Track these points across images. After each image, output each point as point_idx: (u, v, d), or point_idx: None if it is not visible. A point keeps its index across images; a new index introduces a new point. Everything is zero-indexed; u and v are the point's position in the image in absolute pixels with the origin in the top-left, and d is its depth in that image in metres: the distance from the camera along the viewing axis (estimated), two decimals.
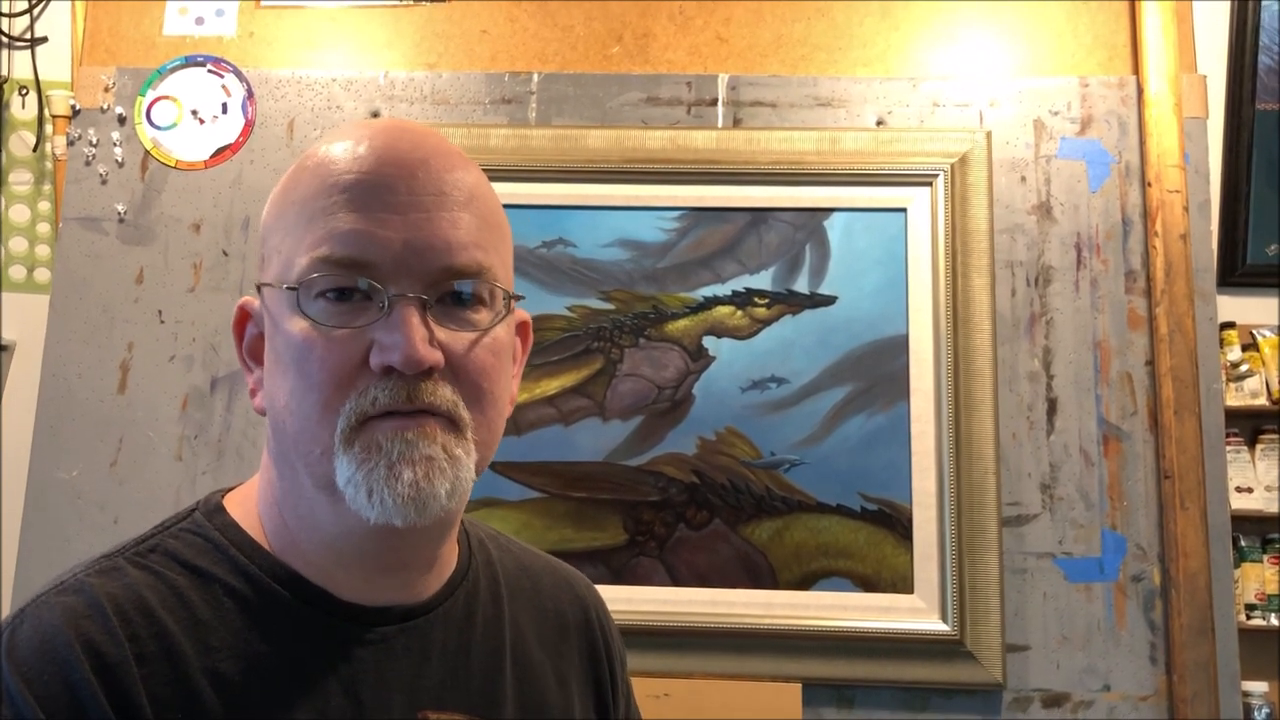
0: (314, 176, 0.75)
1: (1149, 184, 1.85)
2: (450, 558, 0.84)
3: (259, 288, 0.77)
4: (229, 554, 0.76)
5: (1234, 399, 2.43)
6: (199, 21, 2.01)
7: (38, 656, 0.67)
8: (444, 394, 0.72)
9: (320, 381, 0.71)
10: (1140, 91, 1.89)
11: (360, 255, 0.71)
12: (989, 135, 1.88)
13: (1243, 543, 2.39)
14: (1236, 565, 2.34)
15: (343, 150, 0.75)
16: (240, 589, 0.75)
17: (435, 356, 0.71)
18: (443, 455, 0.71)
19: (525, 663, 0.86)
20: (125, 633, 0.69)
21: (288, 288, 0.73)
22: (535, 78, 1.97)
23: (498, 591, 0.88)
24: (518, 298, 0.78)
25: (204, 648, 0.71)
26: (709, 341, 1.85)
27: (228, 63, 1.99)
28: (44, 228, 2.44)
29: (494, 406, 0.76)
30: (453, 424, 0.73)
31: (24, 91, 2.43)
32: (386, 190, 0.72)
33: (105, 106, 1.97)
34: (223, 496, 0.82)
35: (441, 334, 0.72)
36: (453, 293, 0.73)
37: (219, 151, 1.96)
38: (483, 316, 0.74)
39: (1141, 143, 1.88)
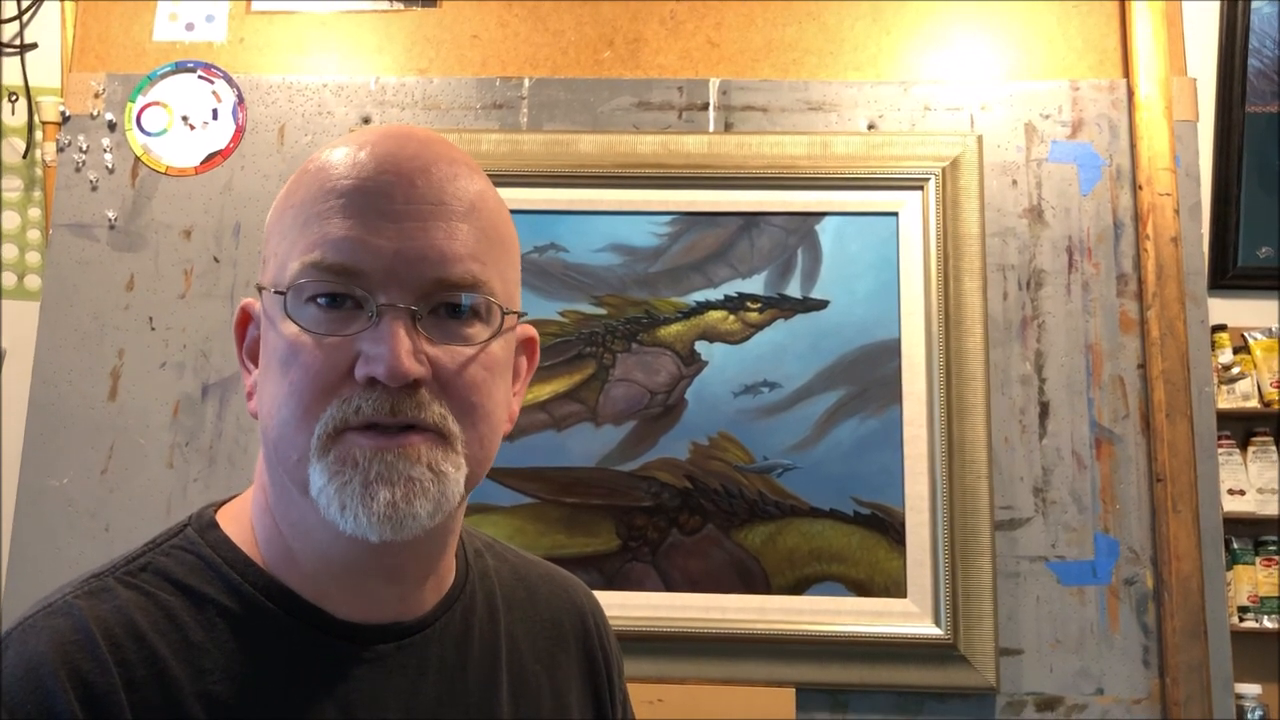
0: (313, 181, 0.74)
1: (1140, 187, 1.86)
2: (448, 570, 0.83)
3: (259, 290, 0.76)
4: (222, 572, 0.75)
5: (1226, 402, 2.44)
6: (189, 27, 2.01)
7: (21, 686, 0.66)
8: (431, 409, 0.70)
9: (302, 387, 0.70)
10: (1131, 95, 1.90)
11: (351, 262, 0.70)
12: (980, 139, 1.88)
13: (1235, 545, 2.40)
14: (1229, 568, 2.34)
15: (344, 155, 0.73)
16: (234, 609, 0.74)
17: (420, 369, 0.69)
18: (428, 475, 0.70)
19: (521, 677, 0.86)
20: (114, 658, 0.68)
21: (277, 292, 0.72)
22: (526, 83, 1.97)
23: (494, 604, 0.87)
24: (517, 314, 0.77)
25: (196, 671, 0.70)
26: (701, 346, 1.85)
27: (218, 68, 1.98)
28: (34, 234, 2.43)
29: (486, 422, 0.74)
30: (442, 437, 0.71)
31: (14, 98, 2.42)
32: (383, 197, 0.71)
33: (95, 113, 1.97)
34: (215, 510, 0.80)
35: (431, 348, 0.71)
36: (446, 304, 0.72)
37: (210, 157, 1.95)
38: (477, 330, 0.73)
39: (1132, 146, 1.88)
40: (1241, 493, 2.42)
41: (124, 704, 0.67)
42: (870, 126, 1.92)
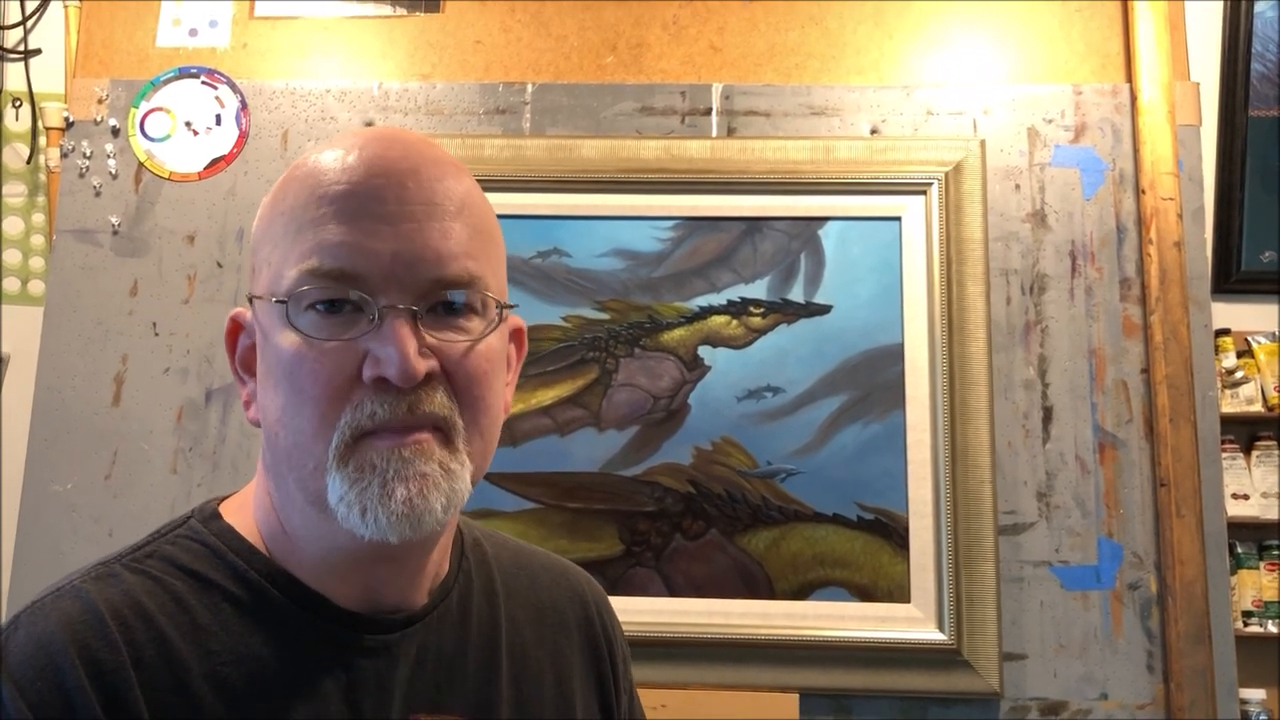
0: (303, 186, 0.74)
1: (1143, 191, 1.85)
2: (445, 561, 0.84)
3: (250, 299, 0.77)
4: (227, 559, 0.76)
5: (1229, 406, 2.43)
6: (193, 33, 2.01)
7: (31, 664, 0.67)
8: (439, 401, 0.71)
9: (314, 395, 0.71)
10: (1134, 99, 1.90)
11: (349, 267, 0.70)
12: (983, 143, 1.88)
13: (1239, 550, 2.39)
14: (1233, 572, 2.34)
15: (332, 160, 0.74)
16: (239, 594, 0.75)
17: (429, 365, 0.71)
18: (438, 470, 0.71)
19: (522, 662, 0.86)
20: (123, 638, 0.69)
21: (277, 301, 0.72)
22: (529, 88, 1.97)
23: (493, 590, 0.88)
24: (510, 307, 0.78)
25: (204, 652, 0.71)
26: (704, 351, 1.85)
27: (221, 74, 1.98)
28: (38, 240, 2.43)
29: (487, 414, 0.76)
30: (446, 436, 0.72)
31: (18, 103, 2.43)
32: (376, 200, 0.71)
33: (99, 118, 1.97)
34: (218, 504, 0.82)
35: (434, 341, 0.71)
36: (444, 302, 0.72)
37: (213, 163, 1.96)
38: (475, 324, 0.74)
39: (1135, 150, 1.88)
40: (1245, 497, 2.41)
41: (133, 681, 0.68)
42: (873, 131, 1.92)
